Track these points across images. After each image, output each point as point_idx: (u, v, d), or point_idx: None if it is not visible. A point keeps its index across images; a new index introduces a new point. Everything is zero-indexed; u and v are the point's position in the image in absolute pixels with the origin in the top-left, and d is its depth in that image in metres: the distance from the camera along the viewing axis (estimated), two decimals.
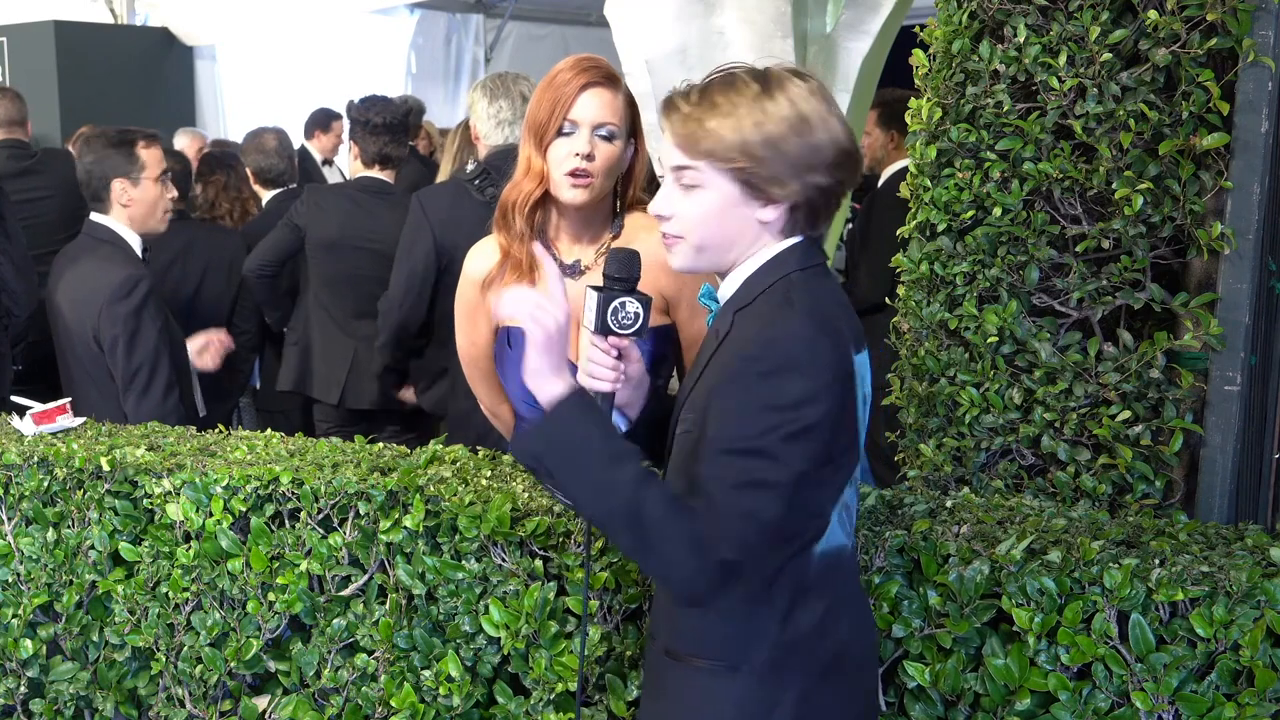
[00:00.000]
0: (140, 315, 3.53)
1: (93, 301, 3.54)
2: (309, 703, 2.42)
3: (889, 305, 2.73)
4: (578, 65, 2.49)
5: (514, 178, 2.55)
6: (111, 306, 3.53)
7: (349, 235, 4.45)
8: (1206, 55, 2.30)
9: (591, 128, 2.46)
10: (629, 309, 1.94)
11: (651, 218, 2.62)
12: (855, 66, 4.27)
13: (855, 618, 1.87)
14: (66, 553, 2.60)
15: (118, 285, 3.54)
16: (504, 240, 2.58)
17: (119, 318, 3.51)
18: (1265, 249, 2.33)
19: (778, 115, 1.72)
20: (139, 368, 3.51)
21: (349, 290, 4.47)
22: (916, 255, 2.57)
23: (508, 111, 3.92)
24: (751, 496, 1.65)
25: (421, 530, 2.29)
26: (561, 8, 10.12)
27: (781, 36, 4.11)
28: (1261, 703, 1.83)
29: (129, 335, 3.51)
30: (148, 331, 3.53)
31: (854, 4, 4.23)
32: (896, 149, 5.07)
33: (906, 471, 2.63)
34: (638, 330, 1.94)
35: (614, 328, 1.95)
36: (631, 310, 1.94)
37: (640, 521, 1.67)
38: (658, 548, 1.67)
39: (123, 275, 3.57)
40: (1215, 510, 2.36)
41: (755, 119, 1.72)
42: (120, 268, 3.60)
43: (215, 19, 9.10)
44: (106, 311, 3.53)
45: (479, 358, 2.74)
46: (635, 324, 1.94)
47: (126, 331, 3.51)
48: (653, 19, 4.17)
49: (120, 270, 3.59)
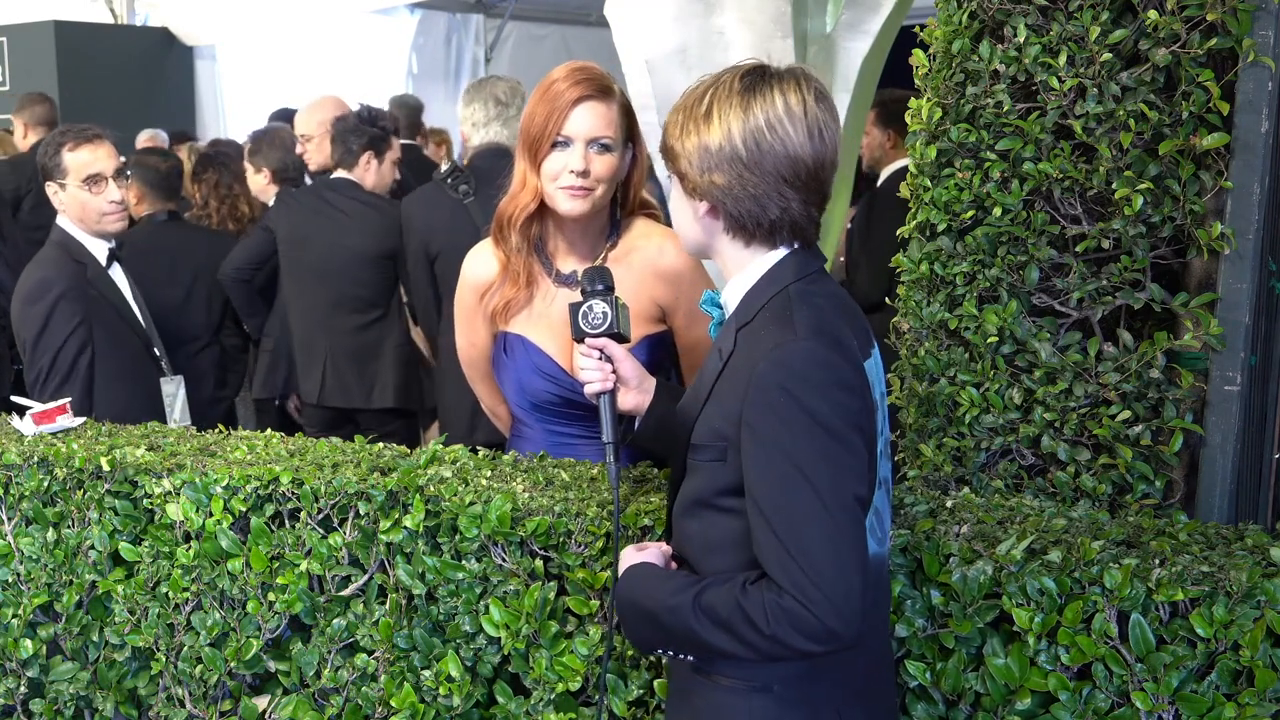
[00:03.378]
0: (50, 318, 3.48)
1: (15, 305, 3.56)
2: (309, 703, 2.42)
3: (889, 305, 2.73)
4: (570, 77, 2.47)
5: (510, 190, 2.55)
6: (24, 308, 3.52)
7: (314, 233, 4.48)
8: (1206, 55, 2.30)
9: (586, 142, 2.45)
10: (596, 310, 2.09)
11: (651, 225, 2.64)
12: (855, 66, 4.27)
13: (883, 633, 1.86)
14: (66, 553, 2.60)
15: (31, 287, 3.53)
16: (501, 253, 2.58)
17: (28, 319, 3.50)
18: (1265, 249, 2.33)
19: (695, 114, 1.75)
20: (41, 372, 3.47)
21: (320, 287, 4.49)
22: (916, 255, 2.57)
23: (481, 114, 4.07)
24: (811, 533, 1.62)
25: (421, 530, 2.29)
26: (561, 8, 10.13)
27: (781, 36, 4.11)
28: (1261, 703, 1.83)
29: (34, 338, 3.48)
30: (56, 335, 3.48)
31: (854, 4, 4.24)
32: (895, 148, 5.08)
33: (906, 471, 2.63)
34: (608, 326, 2.08)
35: (586, 329, 2.09)
36: (599, 310, 2.09)
37: (726, 624, 1.67)
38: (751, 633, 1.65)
39: (37, 277, 3.54)
40: (1215, 510, 2.36)
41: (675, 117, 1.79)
42: (40, 269, 3.57)
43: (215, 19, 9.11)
44: (19, 313, 3.53)
45: (478, 360, 2.75)
46: (604, 321, 2.08)
47: (33, 334, 3.48)
48: (653, 19, 4.18)
49: (38, 272, 3.56)
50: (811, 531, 1.62)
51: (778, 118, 1.71)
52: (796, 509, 1.62)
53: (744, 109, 1.71)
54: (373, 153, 4.56)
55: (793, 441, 1.64)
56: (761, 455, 1.66)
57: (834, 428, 1.64)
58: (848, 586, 1.61)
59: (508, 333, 2.61)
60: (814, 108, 1.73)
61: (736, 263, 1.81)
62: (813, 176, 1.73)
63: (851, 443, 1.65)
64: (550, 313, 2.58)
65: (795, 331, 1.68)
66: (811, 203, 1.76)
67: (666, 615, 1.74)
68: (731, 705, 1.77)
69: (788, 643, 1.63)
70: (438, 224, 3.98)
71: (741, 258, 1.80)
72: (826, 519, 1.62)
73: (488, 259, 2.63)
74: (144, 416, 3.15)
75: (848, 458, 1.65)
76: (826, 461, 1.63)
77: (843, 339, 1.71)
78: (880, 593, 1.84)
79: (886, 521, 1.85)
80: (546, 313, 2.58)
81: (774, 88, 1.72)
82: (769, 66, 1.76)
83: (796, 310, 1.72)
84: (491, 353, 2.69)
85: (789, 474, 1.63)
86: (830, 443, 1.63)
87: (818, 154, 1.73)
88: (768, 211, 1.74)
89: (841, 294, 1.84)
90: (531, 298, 2.59)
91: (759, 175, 1.71)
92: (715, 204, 1.76)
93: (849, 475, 1.65)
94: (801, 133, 1.71)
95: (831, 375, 1.66)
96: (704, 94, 1.75)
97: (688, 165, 1.76)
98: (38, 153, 3.73)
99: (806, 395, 1.64)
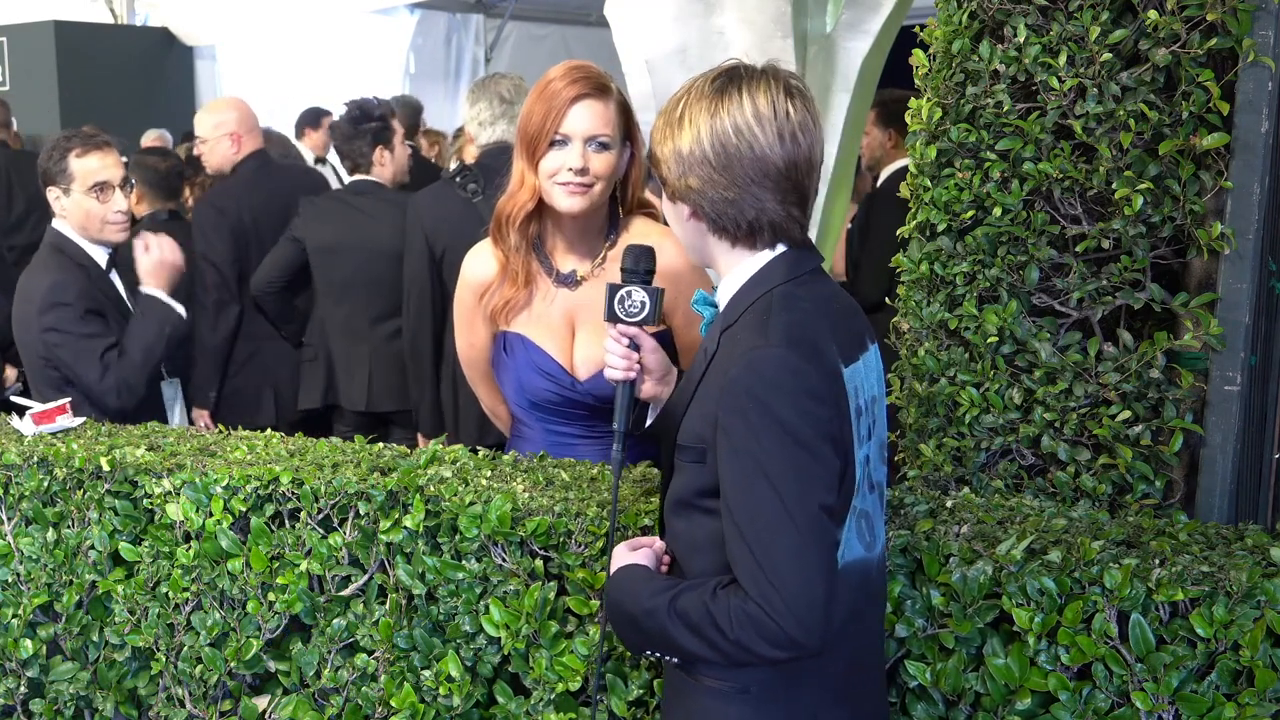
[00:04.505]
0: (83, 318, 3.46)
1: (20, 312, 3.50)
2: (309, 703, 2.43)
3: (889, 305, 2.73)
4: (567, 76, 2.47)
5: (508, 189, 2.55)
6: (40, 316, 3.47)
7: (347, 239, 4.46)
8: (1206, 55, 2.30)
9: (584, 140, 2.45)
10: (635, 297, 2.03)
11: (650, 224, 2.64)
12: (855, 66, 4.27)
13: (868, 637, 1.85)
14: (66, 553, 2.60)
15: (45, 292, 3.47)
16: (500, 252, 2.58)
17: (53, 326, 3.45)
18: (1265, 249, 2.33)
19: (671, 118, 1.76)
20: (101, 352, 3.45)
21: (358, 295, 4.47)
22: (916, 255, 2.57)
23: (486, 113, 4.05)
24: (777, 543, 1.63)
25: (421, 530, 2.29)
26: (561, 8, 10.13)
27: (781, 36, 4.11)
28: (1261, 703, 1.83)
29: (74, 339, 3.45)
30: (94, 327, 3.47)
31: (854, 4, 4.23)
32: (895, 148, 5.08)
33: (906, 471, 2.63)
34: (644, 318, 2.04)
35: (621, 315, 2.04)
36: (638, 299, 2.03)
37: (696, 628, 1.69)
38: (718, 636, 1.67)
39: (48, 282, 3.49)
40: (1215, 510, 2.36)
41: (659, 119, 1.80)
42: (47, 275, 3.52)
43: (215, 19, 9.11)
44: (32, 321, 3.47)
45: (477, 360, 2.75)
46: (641, 311, 2.03)
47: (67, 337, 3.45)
48: (653, 19, 4.18)
49: (46, 278, 3.51)
50: (778, 541, 1.63)
51: (745, 121, 1.70)
52: (764, 517, 1.64)
53: (710, 113, 1.72)
54: (381, 146, 4.54)
55: (761, 449, 1.64)
56: (733, 461, 1.67)
57: (802, 437, 1.64)
58: (811, 597, 1.62)
59: (507, 332, 2.62)
60: (784, 108, 1.71)
61: (727, 264, 1.82)
62: (784, 177, 1.73)
63: (820, 452, 1.66)
64: (550, 312, 2.58)
65: (768, 338, 1.68)
66: (790, 202, 1.75)
67: (645, 619, 1.76)
68: (715, 708, 1.79)
69: (751, 648, 1.64)
70: (446, 222, 3.95)
71: (730, 259, 1.81)
72: (792, 529, 1.62)
73: (487, 259, 2.63)
74: (143, 418, 3.15)
75: (816, 467, 1.65)
76: (795, 471, 1.64)
77: (819, 346, 1.70)
78: (866, 597, 1.83)
79: (878, 525, 1.84)
80: (546, 312, 2.58)
81: (743, 90, 1.72)
82: (743, 67, 1.75)
83: (775, 315, 1.72)
84: (491, 353, 2.69)
85: (757, 481, 1.64)
86: (799, 451, 1.64)
87: (789, 155, 1.72)
88: (744, 213, 1.74)
89: (835, 294, 1.83)
90: (531, 297, 2.59)
91: (729, 178, 1.72)
92: (695, 207, 1.77)
93: (817, 485, 1.65)
94: (770, 134, 1.71)
95: (801, 384, 1.65)
96: (680, 98, 1.77)
97: (667, 170, 1.77)
98: (39, 156, 3.69)
99: (776, 403, 1.64)
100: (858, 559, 1.78)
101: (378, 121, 4.55)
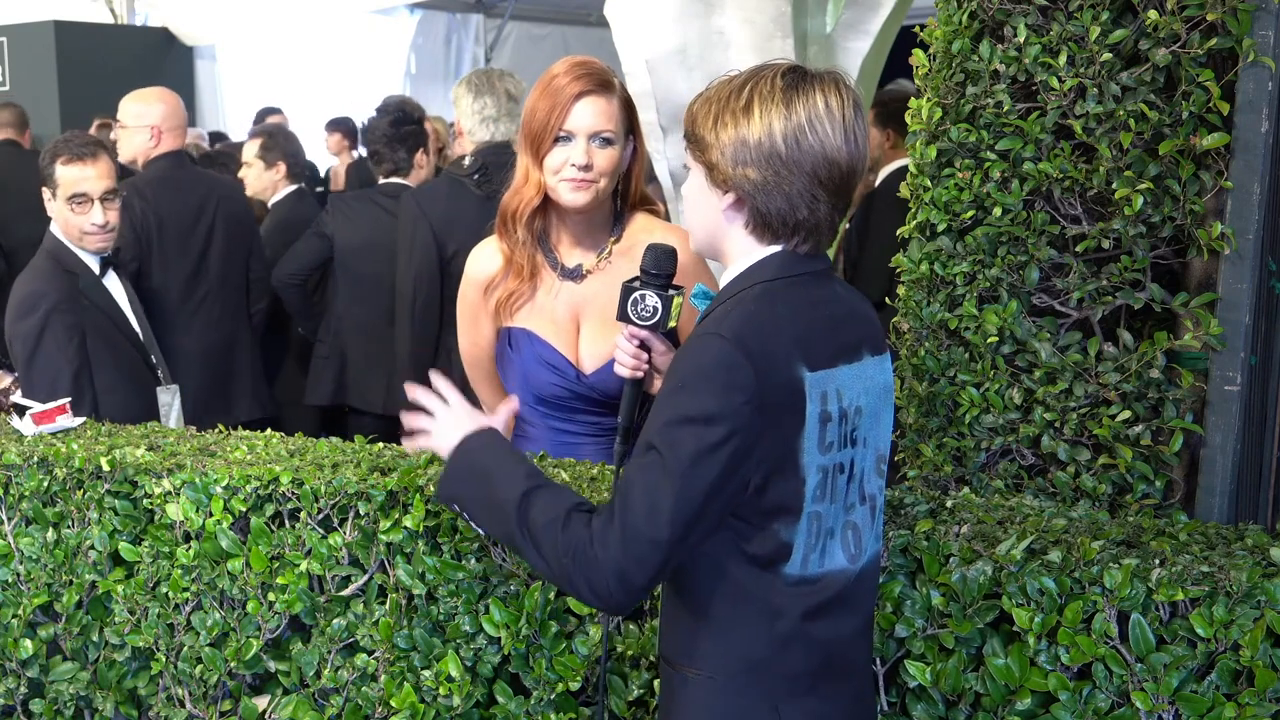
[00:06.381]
0: (42, 337, 3.40)
1: (7, 311, 3.48)
2: (309, 703, 2.43)
3: (889, 305, 2.73)
4: (571, 72, 2.48)
5: (514, 184, 2.56)
6: (15, 323, 3.43)
7: (377, 241, 4.44)
8: (1206, 55, 2.30)
9: (588, 136, 2.46)
10: (648, 302, 2.03)
11: (653, 220, 2.65)
12: (855, 66, 4.27)
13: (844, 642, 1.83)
14: (66, 553, 2.60)
15: (21, 299, 3.44)
16: (505, 247, 2.59)
17: (20, 335, 3.42)
18: (1265, 249, 2.33)
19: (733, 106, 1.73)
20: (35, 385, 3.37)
21: (382, 296, 4.45)
22: (916, 255, 2.57)
23: (492, 109, 3.97)
24: (642, 498, 1.66)
25: (421, 530, 2.29)
26: (561, 8, 10.14)
27: (781, 36, 4.11)
28: (1261, 703, 1.83)
29: (28, 357, 3.41)
30: (53, 359, 3.40)
31: (854, 4, 4.23)
32: (894, 148, 5.08)
33: (906, 471, 2.63)
34: (655, 324, 2.04)
35: (633, 317, 2.05)
36: (650, 304, 2.03)
37: (532, 538, 1.72)
38: (551, 562, 1.70)
39: (28, 290, 3.45)
40: (1215, 510, 2.36)
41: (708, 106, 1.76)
42: (31, 282, 3.48)
43: (215, 19, 9.12)
44: (10, 327, 3.44)
45: (481, 358, 2.75)
46: (653, 317, 2.03)
47: (27, 352, 3.41)
48: (653, 19, 4.17)
49: (29, 285, 3.47)
50: (640, 502, 1.65)
51: (819, 116, 1.70)
52: (647, 482, 1.66)
53: (786, 105, 1.70)
54: (421, 150, 4.53)
55: (677, 427, 1.66)
56: (653, 421, 1.69)
57: (717, 427, 1.64)
58: (655, 536, 1.64)
59: (512, 328, 2.62)
60: (850, 112, 1.73)
61: (734, 256, 1.80)
62: (844, 179, 1.73)
63: (732, 446, 1.65)
64: (555, 306, 2.59)
65: (721, 328, 1.69)
66: (838, 208, 1.75)
67: (493, 508, 1.78)
68: (690, 696, 1.80)
69: (573, 582, 1.68)
70: (459, 221, 3.86)
71: (739, 249, 1.79)
72: (669, 491, 1.64)
73: (492, 254, 2.64)
74: None
75: (721, 454, 1.65)
76: (698, 454, 1.64)
77: (769, 348, 1.68)
78: (841, 602, 1.80)
79: (865, 536, 1.82)
80: (551, 306, 2.59)
81: (815, 88, 1.72)
82: (807, 68, 1.75)
83: (740, 308, 1.72)
84: (495, 350, 2.69)
85: (659, 454, 1.66)
86: (707, 432, 1.64)
87: (852, 157, 1.73)
88: (796, 211, 1.73)
89: (832, 300, 1.80)
90: (535, 291, 2.59)
91: (795, 173, 1.71)
92: (743, 197, 1.74)
93: (713, 466, 1.65)
94: (839, 134, 1.71)
95: (733, 378, 1.65)
96: (743, 86, 1.73)
97: (719, 156, 1.73)
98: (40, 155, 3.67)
99: (701, 390, 1.66)
100: (838, 569, 1.78)
101: (416, 125, 4.53)
